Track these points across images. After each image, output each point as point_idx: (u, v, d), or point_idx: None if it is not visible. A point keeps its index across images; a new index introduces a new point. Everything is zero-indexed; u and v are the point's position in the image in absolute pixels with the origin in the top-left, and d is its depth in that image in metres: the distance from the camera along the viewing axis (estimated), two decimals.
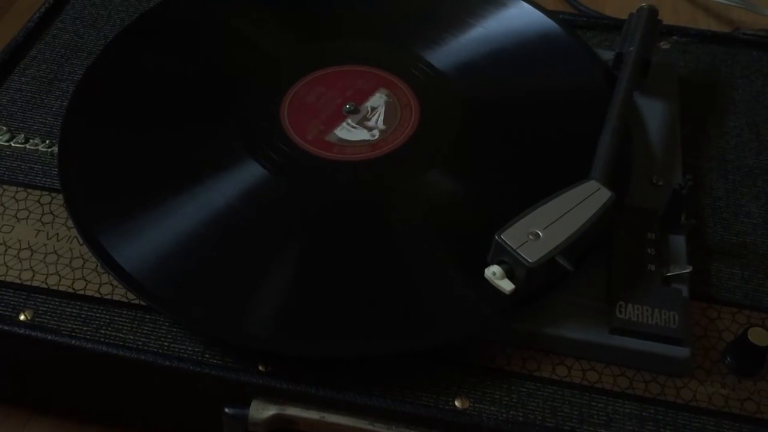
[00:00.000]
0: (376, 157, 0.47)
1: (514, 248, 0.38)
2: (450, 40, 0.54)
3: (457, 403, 0.40)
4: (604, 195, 0.41)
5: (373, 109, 0.49)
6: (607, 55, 0.53)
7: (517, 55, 0.53)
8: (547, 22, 0.54)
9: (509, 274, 0.39)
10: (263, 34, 0.55)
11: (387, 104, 0.50)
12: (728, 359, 0.41)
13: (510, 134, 0.49)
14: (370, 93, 0.50)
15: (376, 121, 0.49)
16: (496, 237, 0.39)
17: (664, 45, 0.58)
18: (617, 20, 0.60)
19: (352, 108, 0.50)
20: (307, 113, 0.50)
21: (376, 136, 0.48)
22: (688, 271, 0.42)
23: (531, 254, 0.38)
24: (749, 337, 0.40)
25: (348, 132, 0.48)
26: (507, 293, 0.39)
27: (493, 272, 0.39)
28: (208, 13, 0.56)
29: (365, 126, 0.49)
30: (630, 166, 0.47)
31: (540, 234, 0.39)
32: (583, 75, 0.52)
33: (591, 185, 0.41)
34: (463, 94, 0.51)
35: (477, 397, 0.40)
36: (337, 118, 0.49)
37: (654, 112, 0.51)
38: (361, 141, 0.48)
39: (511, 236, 0.39)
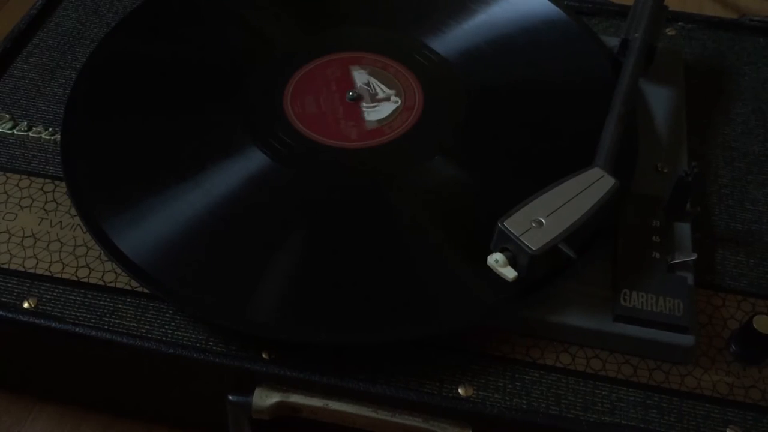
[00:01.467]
0: (379, 144, 0.47)
1: (517, 236, 0.38)
2: (454, 27, 0.54)
3: (460, 391, 0.40)
4: (608, 182, 0.41)
5: (368, 84, 0.50)
6: (613, 42, 0.53)
7: (521, 42, 0.53)
8: (553, 9, 0.54)
9: (512, 262, 0.39)
10: (266, 21, 0.55)
11: (373, 74, 0.50)
12: (733, 347, 0.41)
13: (514, 121, 0.49)
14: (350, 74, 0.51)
15: (384, 91, 0.49)
16: (499, 224, 0.39)
17: (670, 31, 0.58)
18: (623, 6, 0.59)
19: (355, 95, 0.50)
20: (311, 100, 0.49)
21: (399, 101, 0.49)
22: (693, 258, 0.42)
23: (534, 242, 0.38)
24: (754, 325, 0.40)
25: (375, 112, 0.49)
26: (510, 281, 0.39)
27: (496, 260, 0.39)
28: (210, 0, 0.55)
29: (378, 100, 0.49)
30: (635, 153, 0.46)
31: (543, 221, 0.39)
32: (588, 62, 0.52)
33: (595, 172, 0.41)
34: (467, 81, 0.50)
35: (481, 385, 0.40)
36: (343, 105, 0.49)
37: (660, 99, 0.51)
38: (392, 113, 0.49)
39: (514, 223, 0.39)
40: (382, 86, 0.50)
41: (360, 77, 0.50)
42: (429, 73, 0.51)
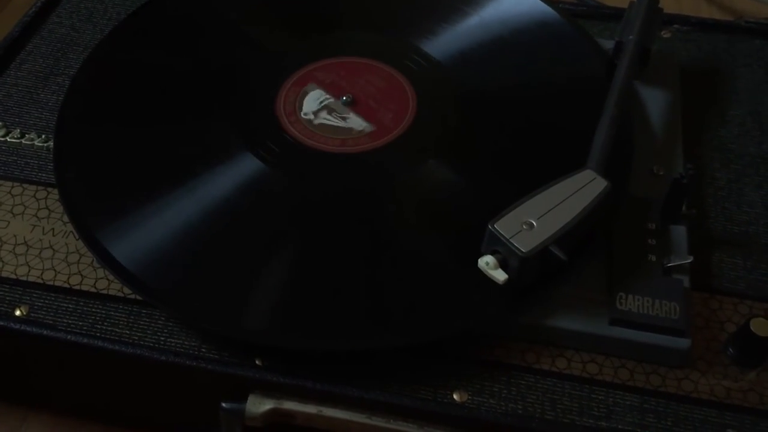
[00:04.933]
0: (373, 148, 0.47)
1: (508, 238, 0.38)
2: (447, 30, 0.53)
3: (455, 397, 0.39)
4: (599, 185, 0.40)
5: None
6: (608, 45, 0.52)
7: (516, 44, 0.52)
8: (547, 11, 0.54)
9: (503, 264, 0.39)
10: (259, 27, 0.54)
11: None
12: (730, 350, 0.41)
13: (508, 124, 0.48)
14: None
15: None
16: (490, 226, 0.39)
17: (666, 34, 0.58)
18: (618, 9, 0.59)
19: (349, 99, 0.49)
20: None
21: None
22: (689, 261, 0.42)
23: (524, 244, 0.38)
24: (751, 328, 0.39)
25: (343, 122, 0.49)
26: (500, 283, 0.38)
27: (487, 262, 0.39)
28: (203, 7, 0.55)
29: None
30: (631, 155, 0.46)
31: (534, 223, 0.38)
32: (583, 64, 0.51)
33: (587, 174, 0.41)
34: (460, 84, 0.50)
35: (475, 390, 0.39)
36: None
37: (655, 101, 0.51)
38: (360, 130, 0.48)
39: (504, 225, 0.38)
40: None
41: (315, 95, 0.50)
42: (422, 76, 0.51)
